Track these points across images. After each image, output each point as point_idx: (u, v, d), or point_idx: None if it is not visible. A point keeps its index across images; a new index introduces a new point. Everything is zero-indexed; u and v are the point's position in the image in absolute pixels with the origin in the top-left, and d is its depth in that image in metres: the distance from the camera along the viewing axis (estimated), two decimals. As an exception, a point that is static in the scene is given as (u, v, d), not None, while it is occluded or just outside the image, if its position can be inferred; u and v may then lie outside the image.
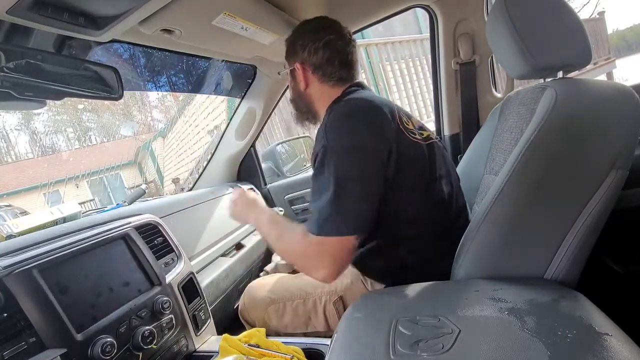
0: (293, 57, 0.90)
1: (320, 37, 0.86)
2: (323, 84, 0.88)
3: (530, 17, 0.68)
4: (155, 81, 1.27)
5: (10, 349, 0.56)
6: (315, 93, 0.90)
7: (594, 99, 0.63)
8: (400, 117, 0.77)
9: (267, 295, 0.97)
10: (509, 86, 1.30)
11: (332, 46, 0.86)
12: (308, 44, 0.87)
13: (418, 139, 0.77)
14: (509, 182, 0.62)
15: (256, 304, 0.98)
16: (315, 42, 0.86)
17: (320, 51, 0.86)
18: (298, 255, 0.76)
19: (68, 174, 10.48)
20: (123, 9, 0.64)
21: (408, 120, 0.79)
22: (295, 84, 0.92)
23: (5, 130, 15.65)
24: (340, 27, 0.89)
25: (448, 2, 1.21)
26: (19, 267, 0.63)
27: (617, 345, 0.42)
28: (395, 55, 4.03)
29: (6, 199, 9.93)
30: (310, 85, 0.89)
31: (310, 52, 0.86)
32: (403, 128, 0.75)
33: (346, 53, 0.88)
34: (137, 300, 0.77)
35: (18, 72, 0.60)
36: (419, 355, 0.45)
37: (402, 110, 0.82)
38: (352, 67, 0.89)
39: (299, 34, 0.90)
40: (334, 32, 0.88)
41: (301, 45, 0.88)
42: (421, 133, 0.80)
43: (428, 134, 0.82)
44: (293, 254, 0.78)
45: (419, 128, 0.81)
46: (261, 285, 1.02)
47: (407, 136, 0.74)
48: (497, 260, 0.64)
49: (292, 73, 0.92)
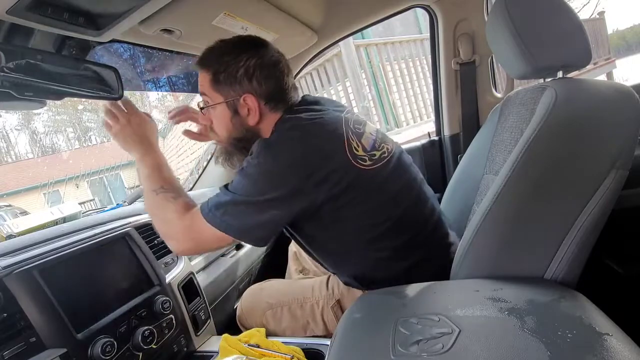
0: (230, 88, 0.75)
1: (265, 60, 0.75)
2: (275, 112, 0.77)
3: (530, 17, 0.68)
4: (155, 81, 1.27)
5: (10, 349, 0.56)
6: (266, 126, 0.77)
7: (594, 99, 0.63)
8: (349, 142, 0.72)
9: (264, 301, 0.96)
10: (509, 86, 1.30)
11: (279, 67, 0.76)
12: (254, 71, 0.73)
13: (366, 165, 0.72)
14: (508, 182, 0.62)
15: (254, 310, 0.97)
16: (264, 67, 0.74)
17: (273, 77, 0.75)
18: (173, 219, 0.73)
19: (68, 174, 10.48)
20: (123, 9, 0.64)
21: (358, 144, 0.73)
22: (238, 119, 0.77)
23: (5, 130, 15.64)
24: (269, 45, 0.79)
25: (448, 2, 1.21)
26: (19, 267, 0.63)
27: (617, 345, 0.42)
28: (395, 55, 4.03)
29: (6, 199, 9.94)
30: (263, 117, 0.76)
31: (260, 80, 0.74)
32: (350, 156, 0.70)
33: (289, 69, 0.80)
34: (137, 300, 0.77)
35: (18, 72, 0.60)
36: (419, 355, 0.45)
37: (354, 130, 0.75)
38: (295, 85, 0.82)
39: (231, 61, 0.74)
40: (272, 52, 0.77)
41: (245, 74, 0.73)
42: (372, 155, 0.75)
43: (381, 153, 0.77)
44: (167, 214, 0.74)
45: (371, 149, 0.75)
46: (258, 291, 1.02)
47: (353, 164, 0.70)
48: (497, 260, 0.64)
49: (229, 106, 0.76)
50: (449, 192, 1.04)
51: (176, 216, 0.73)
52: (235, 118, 0.77)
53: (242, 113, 0.76)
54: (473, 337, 0.46)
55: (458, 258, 0.68)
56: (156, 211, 0.78)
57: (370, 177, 0.72)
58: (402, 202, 0.76)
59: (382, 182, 0.74)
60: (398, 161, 0.80)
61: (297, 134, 0.70)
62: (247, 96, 0.74)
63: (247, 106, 0.75)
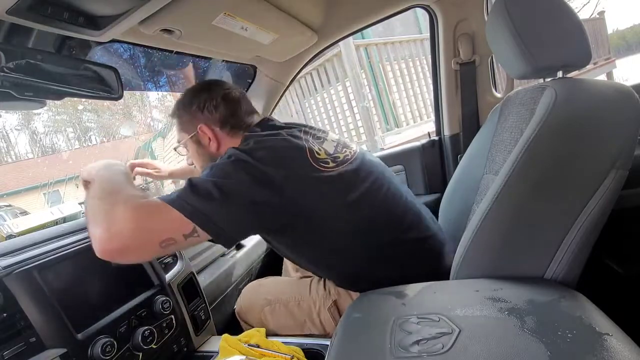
0: (190, 125, 0.86)
1: (214, 94, 0.86)
2: (235, 136, 0.85)
3: (530, 17, 0.68)
4: (155, 81, 1.27)
5: (10, 349, 0.56)
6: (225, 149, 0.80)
7: (594, 99, 0.63)
8: (311, 149, 0.75)
9: (263, 297, 0.98)
10: (509, 86, 1.30)
11: (228, 97, 0.86)
12: (204, 103, 0.85)
13: (329, 168, 0.74)
14: (508, 181, 0.62)
15: (253, 305, 0.99)
16: (212, 99, 0.85)
17: (222, 105, 0.85)
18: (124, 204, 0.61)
19: (68, 174, 10.48)
20: (123, 9, 0.64)
21: (320, 149, 0.77)
22: (204, 150, 0.87)
23: (5, 130, 15.65)
24: (223, 83, 0.91)
25: (448, 2, 1.21)
26: (19, 267, 0.63)
27: (617, 345, 0.42)
28: (395, 55, 4.03)
29: (6, 199, 9.94)
30: (221, 142, 0.85)
31: (211, 110, 0.85)
32: (313, 160, 0.73)
33: (244, 99, 0.90)
34: (137, 300, 0.77)
35: (18, 72, 0.60)
36: (419, 355, 0.45)
37: (314, 139, 0.79)
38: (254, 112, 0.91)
39: (187, 102, 0.87)
40: (221, 87, 0.88)
41: (198, 108, 0.85)
42: (336, 157, 0.77)
43: (344, 155, 0.79)
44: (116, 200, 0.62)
45: (333, 153, 0.79)
46: (258, 287, 1.03)
47: (316, 167, 0.72)
48: (497, 260, 0.64)
49: (194, 141, 0.87)
50: (449, 192, 1.04)
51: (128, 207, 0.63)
52: (200, 149, 0.88)
53: (204, 143, 0.86)
54: (473, 337, 0.46)
55: (458, 258, 0.68)
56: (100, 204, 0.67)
57: (335, 178, 0.73)
58: (372, 200, 0.77)
59: (348, 182, 0.75)
60: (362, 160, 0.82)
61: (257, 146, 0.72)
62: (202, 126, 0.85)
63: (206, 135, 0.85)
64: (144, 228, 0.60)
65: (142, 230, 0.60)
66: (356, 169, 0.78)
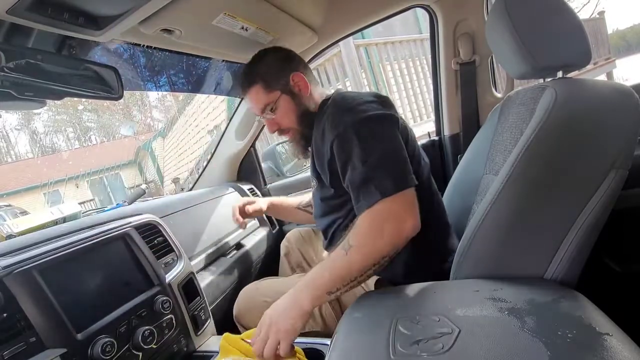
0: (280, 79, 0.89)
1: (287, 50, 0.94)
2: (314, 85, 0.93)
3: (530, 17, 0.68)
4: (155, 81, 1.27)
5: (10, 349, 0.56)
6: (316, 95, 0.92)
7: (594, 99, 0.63)
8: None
9: (261, 300, 0.96)
10: (509, 86, 1.30)
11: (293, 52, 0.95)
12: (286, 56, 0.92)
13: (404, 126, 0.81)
14: (508, 182, 0.62)
15: (251, 309, 0.98)
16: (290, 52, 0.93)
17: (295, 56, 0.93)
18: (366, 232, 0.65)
19: (68, 174, 10.48)
20: (123, 9, 0.64)
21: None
22: (299, 100, 0.90)
23: (5, 130, 15.66)
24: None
25: (448, 2, 1.21)
26: (19, 267, 0.63)
27: (617, 345, 0.42)
28: (395, 55, 4.03)
29: (6, 199, 9.93)
30: (312, 88, 0.91)
31: (294, 60, 0.92)
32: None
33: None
34: (137, 300, 0.77)
35: (18, 72, 0.60)
36: (419, 355, 0.45)
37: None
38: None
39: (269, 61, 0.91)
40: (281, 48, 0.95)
41: (286, 58, 0.91)
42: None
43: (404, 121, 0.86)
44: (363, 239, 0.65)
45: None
46: (254, 290, 1.02)
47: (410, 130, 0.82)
48: (497, 260, 0.64)
49: (287, 94, 0.89)
50: (449, 192, 1.04)
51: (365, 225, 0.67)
52: (295, 99, 0.89)
53: (297, 91, 0.89)
54: (473, 337, 0.46)
55: (458, 258, 0.68)
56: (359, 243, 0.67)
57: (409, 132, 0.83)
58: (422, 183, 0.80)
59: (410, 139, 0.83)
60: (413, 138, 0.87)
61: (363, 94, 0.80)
62: (294, 74, 0.89)
63: (298, 83, 0.89)
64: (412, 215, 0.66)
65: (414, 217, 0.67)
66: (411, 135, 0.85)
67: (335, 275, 0.65)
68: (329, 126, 0.74)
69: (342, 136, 0.71)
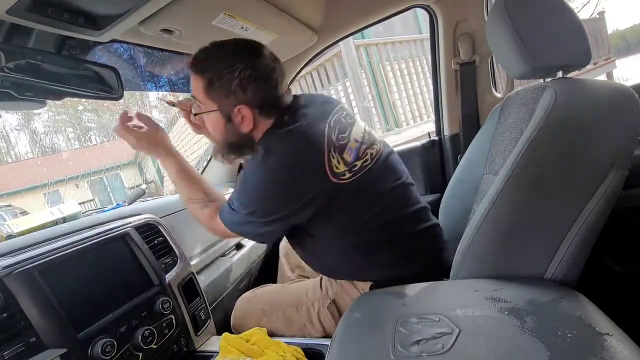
0: (226, 97, 0.75)
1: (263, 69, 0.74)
2: (267, 120, 0.79)
3: (530, 17, 0.68)
4: (155, 81, 1.27)
5: (10, 349, 0.56)
6: (258, 132, 0.80)
7: (594, 99, 0.63)
8: (330, 160, 0.73)
9: (259, 308, 0.96)
10: (509, 86, 1.30)
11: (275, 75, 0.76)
12: (249, 81, 0.73)
13: (345, 179, 0.74)
14: (508, 182, 0.62)
15: (248, 318, 0.97)
16: (259, 79, 0.74)
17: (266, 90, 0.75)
18: (204, 224, 0.89)
19: (68, 174, 10.48)
20: (123, 9, 0.64)
21: (340, 160, 0.74)
22: (232, 128, 0.78)
23: (5, 130, 15.66)
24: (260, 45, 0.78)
25: (448, 2, 1.21)
26: (19, 267, 0.63)
27: (617, 345, 0.42)
28: (395, 55, 4.03)
29: (6, 199, 9.93)
30: (256, 126, 0.78)
31: (254, 92, 0.74)
32: (331, 175, 0.72)
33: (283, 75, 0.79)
34: (137, 300, 0.77)
35: (18, 72, 0.60)
36: (419, 355, 0.45)
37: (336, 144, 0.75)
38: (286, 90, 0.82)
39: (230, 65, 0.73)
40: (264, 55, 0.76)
41: (240, 84, 0.73)
42: (354, 166, 0.75)
43: (363, 162, 0.77)
44: (199, 219, 0.90)
45: (353, 160, 0.76)
46: (252, 298, 1.02)
47: (334, 182, 0.73)
48: (497, 260, 0.64)
49: (224, 114, 0.77)
50: (449, 192, 1.04)
51: (205, 223, 0.89)
52: (229, 125, 0.78)
53: (236, 121, 0.77)
54: (473, 337, 0.46)
55: (458, 258, 0.68)
56: (191, 212, 0.91)
57: (350, 188, 0.75)
58: (385, 204, 0.79)
59: (361, 190, 0.76)
60: (382, 165, 0.81)
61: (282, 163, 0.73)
62: (242, 107, 0.75)
63: (241, 115, 0.76)
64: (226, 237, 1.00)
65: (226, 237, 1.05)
66: (375, 175, 0.79)
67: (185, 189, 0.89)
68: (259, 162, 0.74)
69: (251, 175, 0.76)
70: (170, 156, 0.89)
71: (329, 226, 0.79)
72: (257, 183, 0.75)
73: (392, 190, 0.81)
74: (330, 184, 0.73)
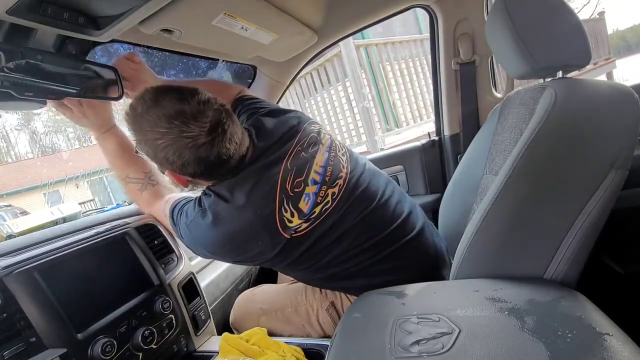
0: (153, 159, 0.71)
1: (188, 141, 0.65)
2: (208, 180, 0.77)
3: (530, 17, 0.68)
4: (155, 81, 1.27)
5: (10, 349, 0.56)
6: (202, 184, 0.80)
7: (594, 99, 0.63)
8: (281, 216, 0.70)
9: (258, 307, 0.96)
10: (509, 86, 1.30)
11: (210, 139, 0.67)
12: (173, 155, 0.66)
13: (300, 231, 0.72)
14: (508, 182, 0.62)
15: (248, 316, 0.98)
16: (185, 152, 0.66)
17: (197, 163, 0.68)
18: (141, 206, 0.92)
19: (68, 174, 10.47)
20: (123, 9, 0.64)
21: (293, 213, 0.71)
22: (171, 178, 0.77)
23: (5, 130, 15.65)
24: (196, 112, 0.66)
25: (448, 2, 1.21)
26: (19, 267, 0.63)
27: (617, 345, 0.42)
28: (395, 55, 4.03)
29: (6, 199, 9.93)
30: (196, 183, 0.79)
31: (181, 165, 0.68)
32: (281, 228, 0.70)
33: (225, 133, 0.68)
34: (137, 301, 0.77)
35: (18, 72, 0.60)
36: (419, 355, 0.45)
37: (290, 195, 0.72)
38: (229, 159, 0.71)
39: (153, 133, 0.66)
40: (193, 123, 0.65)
41: (165, 158, 0.67)
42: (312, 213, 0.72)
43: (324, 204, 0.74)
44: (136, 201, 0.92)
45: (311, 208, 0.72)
46: (251, 297, 1.02)
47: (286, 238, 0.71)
48: (497, 260, 0.64)
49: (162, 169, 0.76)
50: (449, 192, 1.04)
51: (142, 207, 0.92)
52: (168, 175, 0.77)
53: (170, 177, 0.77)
54: (473, 337, 0.46)
55: (458, 258, 0.68)
56: (127, 193, 0.91)
57: (309, 237, 0.73)
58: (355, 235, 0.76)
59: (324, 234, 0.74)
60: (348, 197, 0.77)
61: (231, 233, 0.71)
62: (169, 172, 0.74)
63: (172, 176, 0.75)
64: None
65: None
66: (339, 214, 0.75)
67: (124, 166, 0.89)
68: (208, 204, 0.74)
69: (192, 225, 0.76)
70: (112, 129, 0.87)
71: (300, 266, 0.78)
72: (205, 240, 0.75)
73: (361, 222, 0.76)
74: (283, 239, 0.71)
